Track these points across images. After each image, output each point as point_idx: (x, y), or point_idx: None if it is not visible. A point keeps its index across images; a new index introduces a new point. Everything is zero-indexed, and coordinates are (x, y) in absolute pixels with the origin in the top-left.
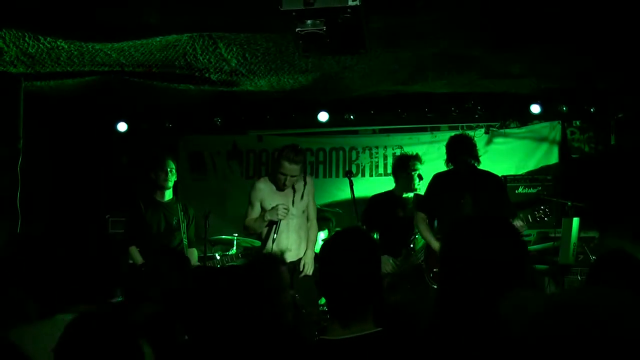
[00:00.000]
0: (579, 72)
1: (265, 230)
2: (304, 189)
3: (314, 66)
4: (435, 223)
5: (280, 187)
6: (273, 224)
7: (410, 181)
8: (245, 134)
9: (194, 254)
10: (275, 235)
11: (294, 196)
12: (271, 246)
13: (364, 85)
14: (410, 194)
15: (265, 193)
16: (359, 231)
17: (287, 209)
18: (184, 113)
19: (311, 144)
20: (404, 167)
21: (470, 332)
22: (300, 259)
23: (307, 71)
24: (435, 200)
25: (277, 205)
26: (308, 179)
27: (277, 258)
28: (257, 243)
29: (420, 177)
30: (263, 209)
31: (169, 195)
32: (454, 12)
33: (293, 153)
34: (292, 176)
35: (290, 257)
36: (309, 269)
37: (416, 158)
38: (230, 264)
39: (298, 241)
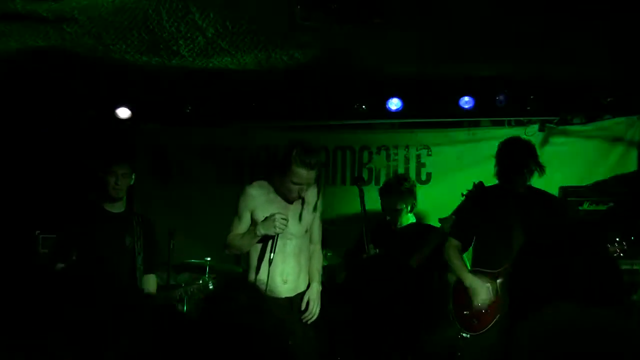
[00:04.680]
0: None
1: (254, 250)
2: (317, 202)
3: (315, 39)
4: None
5: (291, 199)
6: (268, 240)
7: (396, 217)
8: (224, 126)
9: (151, 282)
10: (272, 254)
11: (302, 210)
12: (267, 270)
13: (379, 65)
14: (408, 220)
15: (258, 201)
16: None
17: (286, 219)
18: (144, 97)
19: (310, 141)
20: (386, 202)
21: None
22: (299, 294)
23: (305, 45)
24: (475, 227)
25: (272, 215)
26: (320, 189)
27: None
28: (237, 269)
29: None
30: (254, 222)
31: (121, 205)
32: None
33: (309, 155)
34: (308, 185)
35: (286, 290)
36: (315, 307)
37: (402, 193)
38: (198, 296)
39: (297, 270)
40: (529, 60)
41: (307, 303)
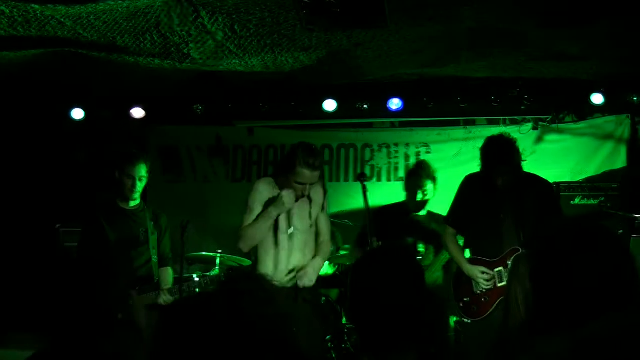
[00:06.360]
0: None
1: (261, 245)
2: (323, 198)
3: (320, 42)
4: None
5: (296, 198)
6: (273, 235)
7: (414, 199)
8: (232, 126)
9: (167, 275)
10: (292, 229)
11: (307, 206)
12: (274, 262)
13: (381, 67)
14: (423, 212)
15: (267, 197)
16: (401, 251)
17: (292, 195)
18: (156, 98)
19: (315, 139)
20: (409, 184)
21: None
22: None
23: (310, 48)
24: (466, 211)
25: (279, 195)
26: (325, 185)
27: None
28: (246, 262)
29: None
30: None
31: (135, 200)
32: None
33: (312, 157)
34: (312, 184)
35: (291, 280)
36: (306, 276)
37: (425, 175)
38: (211, 287)
39: (303, 261)
40: (525, 61)
41: (303, 273)
